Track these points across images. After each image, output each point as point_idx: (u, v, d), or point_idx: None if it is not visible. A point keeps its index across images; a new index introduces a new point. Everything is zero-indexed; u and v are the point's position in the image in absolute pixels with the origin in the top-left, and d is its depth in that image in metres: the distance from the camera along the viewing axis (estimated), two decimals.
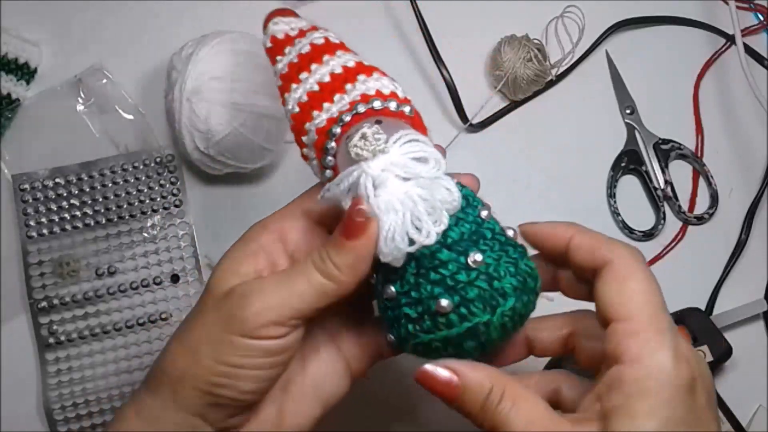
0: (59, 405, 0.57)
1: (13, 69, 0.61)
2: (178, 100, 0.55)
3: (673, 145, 0.64)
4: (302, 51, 0.42)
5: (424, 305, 0.37)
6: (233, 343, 0.37)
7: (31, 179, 0.60)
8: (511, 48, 0.62)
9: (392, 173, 0.37)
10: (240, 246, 0.41)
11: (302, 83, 0.42)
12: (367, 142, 0.37)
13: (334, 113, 0.40)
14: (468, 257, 0.37)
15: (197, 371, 0.38)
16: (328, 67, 0.41)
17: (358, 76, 0.41)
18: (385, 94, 0.40)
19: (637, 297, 0.36)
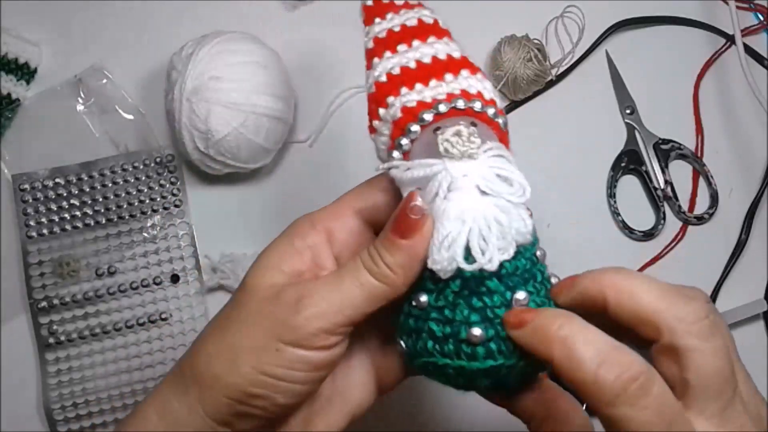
0: (59, 405, 0.57)
1: (13, 69, 0.61)
2: (178, 100, 0.55)
3: (673, 145, 0.64)
4: (407, 23, 0.39)
5: (455, 328, 0.34)
6: (279, 353, 0.35)
7: (31, 179, 0.60)
8: (511, 48, 0.62)
9: (473, 182, 0.34)
10: (285, 241, 0.38)
11: (398, 54, 0.38)
12: (461, 141, 0.34)
13: (427, 98, 0.37)
14: (514, 294, 0.34)
15: (234, 379, 0.35)
16: (432, 49, 0.38)
17: (462, 70, 0.38)
18: (486, 98, 0.37)
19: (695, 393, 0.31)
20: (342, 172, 0.62)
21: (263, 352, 0.35)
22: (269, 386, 0.35)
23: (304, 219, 0.39)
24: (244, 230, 0.61)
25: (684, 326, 0.32)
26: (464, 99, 0.36)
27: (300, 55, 0.63)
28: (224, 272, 0.59)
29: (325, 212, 0.39)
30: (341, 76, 0.63)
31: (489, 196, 0.34)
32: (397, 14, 0.40)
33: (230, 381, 0.35)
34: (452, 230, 0.34)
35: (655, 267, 0.62)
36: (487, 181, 0.34)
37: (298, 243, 0.38)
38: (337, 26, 0.65)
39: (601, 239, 0.63)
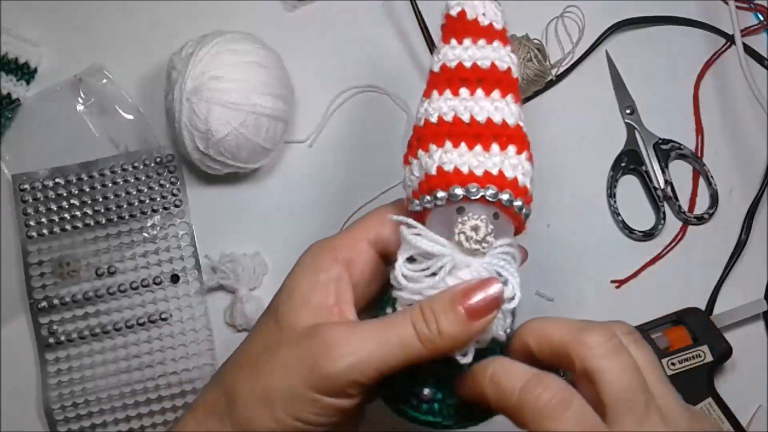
0: (59, 405, 0.57)
1: (13, 69, 0.61)
2: (178, 100, 0.55)
3: (673, 145, 0.64)
4: (480, 63, 0.38)
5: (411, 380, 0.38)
6: (315, 402, 0.35)
7: (31, 179, 0.60)
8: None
9: (471, 275, 0.36)
10: (310, 274, 0.38)
11: (457, 100, 0.38)
12: (476, 237, 0.36)
13: (464, 168, 0.37)
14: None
15: (270, 425, 0.36)
16: (491, 107, 0.38)
17: (509, 145, 0.38)
18: (519, 186, 0.37)
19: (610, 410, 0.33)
20: (342, 172, 0.62)
21: (300, 401, 0.36)
22: (299, 429, 0.36)
23: (323, 248, 0.39)
24: (244, 230, 0.61)
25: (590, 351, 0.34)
26: (496, 188, 0.36)
27: (300, 55, 0.63)
28: (224, 272, 0.59)
29: (343, 241, 0.39)
30: (341, 76, 0.63)
31: None
32: (474, 44, 0.38)
33: (266, 425, 0.36)
34: None
35: (655, 267, 0.62)
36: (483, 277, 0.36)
37: (323, 277, 0.38)
38: (337, 26, 0.65)
39: (601, 239, 0.63)
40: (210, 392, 0.39)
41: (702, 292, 0.62)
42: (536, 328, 0.37)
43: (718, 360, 0.58)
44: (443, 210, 0.37)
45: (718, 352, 0.58)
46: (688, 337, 0.58)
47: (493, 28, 0.39)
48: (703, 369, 0.57)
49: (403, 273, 0.37)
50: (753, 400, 0.60)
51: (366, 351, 0.35)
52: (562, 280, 0.61)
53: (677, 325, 0.59)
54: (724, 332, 0.59)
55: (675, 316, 0.59)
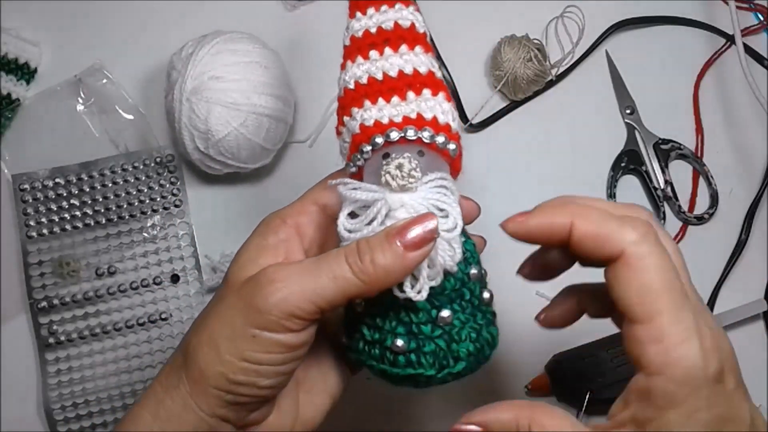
0: (59, 405, 0.57)
1: (13, 69, 0.61)
2: (178, 100, 0.55)
3: (673, 145, 0.64)
4: (383, 25, 0.40)
5: (382, 335, 0.38)
6: (255, 339, 0.36)
7: (31, 179, 0.60)
8: (511, 48, 0.62)
9: (408, 213, 0.37)
10: (258, 238, 0.40)
11: (368, 62, 0.40)
12: (400, 176, 0.37)
13: (384, 119, 0.38)
14: (440, 312, 0.38)
15: (219, 368, 0.36)
16: (400, 61, 0.39)
17: (423, 89, 0.39)
18: (441, 123, 0.39)
19: (654, 293, 0.34)
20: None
21: (241, 340, 0.36)
22: (251, 372, 0.36)
23: (273, 216, 0.41)
24: (244, 230, 0.60)
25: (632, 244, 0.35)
26: (415, 128, 0.38)
27: (300, 55, 0.63)
28: (224, 272, 0.59)
29: (292, 208, 0.41)
30: None
31: None
32: (377, 11, 0.40)
33: (215, 371, 0.37)
34: None
35: None
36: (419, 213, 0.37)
37: (272, 239, 0.40)
38: (337, 26, 0.64)
39: None
40: (173, 355, 0.40)
41: (702, 292, 0.61)
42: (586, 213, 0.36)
43: None
44: (372, 162, 0.39)
45: None
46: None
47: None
48: None
49: (345, 227, 0.38)
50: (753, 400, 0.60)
51: (299, 284, 0.36)
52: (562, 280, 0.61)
53: None
54: None
55: None
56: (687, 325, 0.33)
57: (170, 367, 0.39)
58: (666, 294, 0.34)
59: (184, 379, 0.38)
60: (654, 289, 0.34)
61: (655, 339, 0.33)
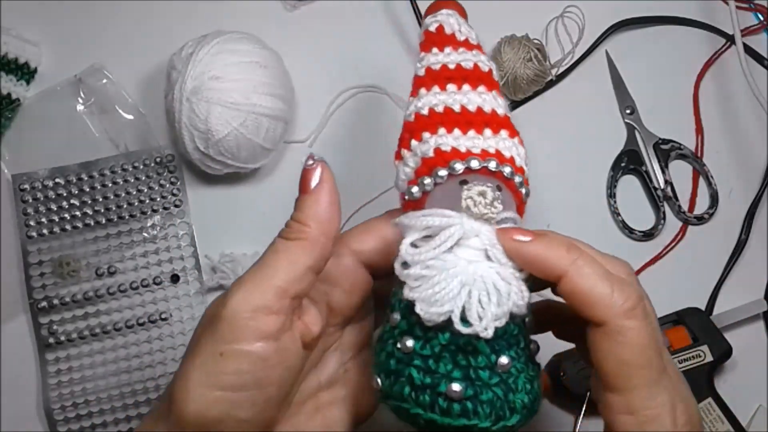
0: (59, 405, 0.57)
1: (13, 69, 0.61)
2: (178, 100, 0.55)
3: (673, 145, 0.64)
4: (463, 64, 0.40)
5: (435, 380, 0.34)
6: (223, 357, 0.33)
7: (31, 179, 0.60)
8: (511, 48, 0.62)
9: (482, 244, 0.35)
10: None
11: (446, 93, 0.39)
12: (483, 202, 0.36)
13: (461, 148, 0.37)
14: (499, 358, 0.35)
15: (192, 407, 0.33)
16: (480, 98, 0.39)
17: (502, 129, 0.38)
18: (516, 165, 0.38)
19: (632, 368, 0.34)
20: (342, 172, 0.62)
21: (209, 365, 0.33)
22: (225, 401, 0.33)
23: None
24: (244, 230, 0.61)
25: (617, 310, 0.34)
26: (497, 161, 0.37)
27: (300, 55, 0.63)
28: (224, 272, 0.59)
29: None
30: (341, 76, 0.63)
31: (493, 263, 0.35)
32: (455, 51, 0.40)
33: (189, 410, 0.33)
34: (449, 288, 0.34)
35: (655, 267, 0.62)
36: (495, 247, 0.35)
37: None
38: (337, 26, 0.65)
39: (601, 239, 0.62)
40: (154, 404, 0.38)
41: (702, 292, 0.62)
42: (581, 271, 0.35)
43: (718, 360, 0.58)
44: (445, 187, 0.37)
45: (718, 352, 0.58)
46: (688, 337, 0.58)
47: (469, 42, 0.41)
48: (703, 369, 0.57)
49: (408, 252, 0.35)
50: (753, 400, 0.60)
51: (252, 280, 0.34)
52: None
53: (677, 325, 0.59)
54: (724, 332, 0.59)
55: (675, 316, 0.59)
56: (662, 401, 0.34)
57: (151, 417, 0.37)
58: (644, 370, 0.34)
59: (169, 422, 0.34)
60: (633, 365, 0.34)
61: (629, 411, 0.34)
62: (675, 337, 0.58)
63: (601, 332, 0.34)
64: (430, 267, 0.35)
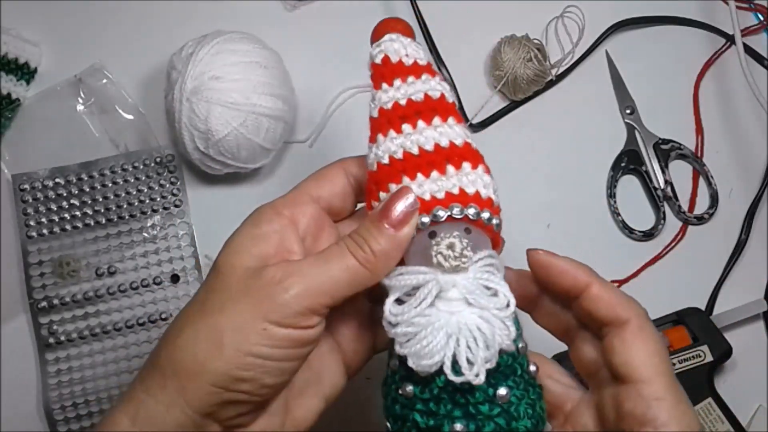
0: (59, 405, 0.57)
1: (13, 69, 0.61)
2: (178, 100, 0.55)
3: (673, 145, 0.64)
4: (413, 97, 0.39)
5: (438, 421, 0.36)
6: (266, 332, 0.35)
7: (31, 179, 0.60)
8: (511, 48, 0.62)
9: (460, 293, 0.36)
10: (251, 227, 0.39)
11: (402, 137, 0.39)
12: (452, 256, 0.36)
13: (426, 195, 0.38)
14: (497, 391, 0.36)
15: (219, 364, 0.35)
16: (435, 134, 0.39)
17: (463, 163, 0.39)
18: (483, 198, 0.38)
19: (656, 360, 0.37)
20: None
21: (249, 332, 0.35)
22: (257, 367, 0.35)
23: (266, 207, 0.40)
24: None
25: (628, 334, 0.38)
26: (460, 205, 0.37)
27: (300, 55, 0.63)
28: None
29: (286, 200, 0.41)
30: (341, 76, 0.63)
31: (475, 308, 0.36)
32: (404, 82, 0.40)
33: (216, 366, 0.35)
34: (437, 341, 0.35)
35: (655, 267, 0.62)
36: (473, 294, 0.36)
37: (265, 228, 0.39)
38: (337, 26, 0.65)
39: (601, 239, 0.63)
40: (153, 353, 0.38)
41: (702, 292, 0.62)
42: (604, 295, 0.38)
43: (718, 360, 0.58)
44: (417, 241, 0.38)
45: (718, 352, 0.58)
46: (688, 337, 0.58)
47: (418, 65, 0.40)
48: (703, 369, 0.57)
49: (392, 312, 0.37)
50: (753, 400, 0.60)
51: (315, 278, 0.36)
52: None
53: (677, 325, 0.59)
54: (724, 332, 0.59)
55: (675, 316, 0.59)
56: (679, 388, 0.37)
57: (152, 366, 0.37)
58: (665, 362, 0.37)
59: (174, 377, 0.35)
60: (657, 356, 0.37)
61: (660, 397, 0.36)
62: (675, 337, 0.58)
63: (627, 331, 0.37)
64: (415, 324, 0.36)
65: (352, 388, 0.44)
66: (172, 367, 0.36)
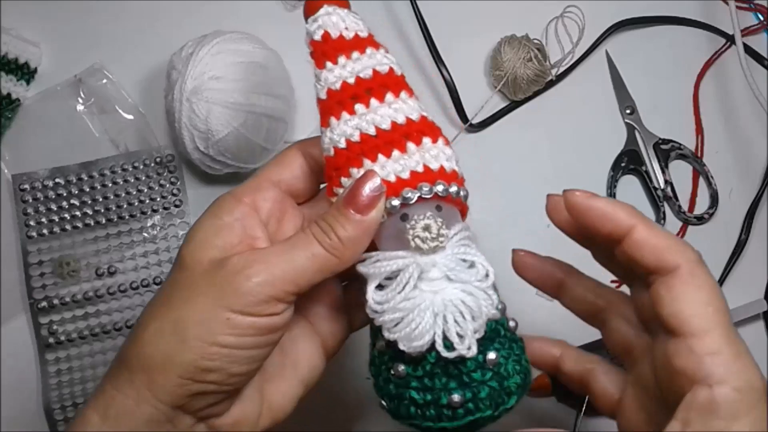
0: (59, 405, 0.57)
1: (13, 69, 0.61)
2: (178, 100, 0.55)
3: (673, 145, 0.64)
4: (362, 74, 0.38)
5: (435, 395, 0.37)
6: (229, 321, 0.35)
7: (31, 179, 0.60)
8: (511, 48, 0.62)
9: (441, 271, 0.36)
10: (213, 218, 0.39)
11: (357, 118, 0.38)
12: (430, 237, 0.36)
13: (391, 177, 0.37)
14: (486, 356, 0.37)
15: (185, 356, 0.35)
16: (390, 111, 0.38)
17: (423, 138, 0.38)
18: (447, 172, 0.38)
19: (710, 310, 0.34)
20: None
21: (213, 323, 0.35)
22: (222, 357, 0.35)
23: (227, 195, 0.40)
24: None
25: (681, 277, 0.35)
26: (429, 184, 0.37)
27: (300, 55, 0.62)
28: None
29: (246, 186, 0.40)
30: None
31: (456, 283, 0.36)
32: (349, 59, 0.38)
33: (182, 358, 0.35)
34: (425, 322, 0.35)
35: None
36: (453, 270, 0.36)
37: (227, 218, 0.39)
38: None
39: None
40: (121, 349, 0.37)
41: None
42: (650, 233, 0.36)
43: None
44: (390, 225, 0.37)
45: None
46: None
47: (359, 38, 0.39)
48: None
49: (375, 300, 0.36)
50: None
51: (279, 266, 0.36)
52: None
53: None
54: None
55: None
56: (739, 341, 0.34)
57: (119, 362, 0.37)
58: (721, 313, 0.34)
59: (141, 371, 0.35)
60: (712, 305, 0.34)
61: (715, 351, 0.33)
62: None
63: (676, 278, 0.35)
64: (401, 309, 0.36)
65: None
66: (138, 362, 0.36)
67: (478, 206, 0.63)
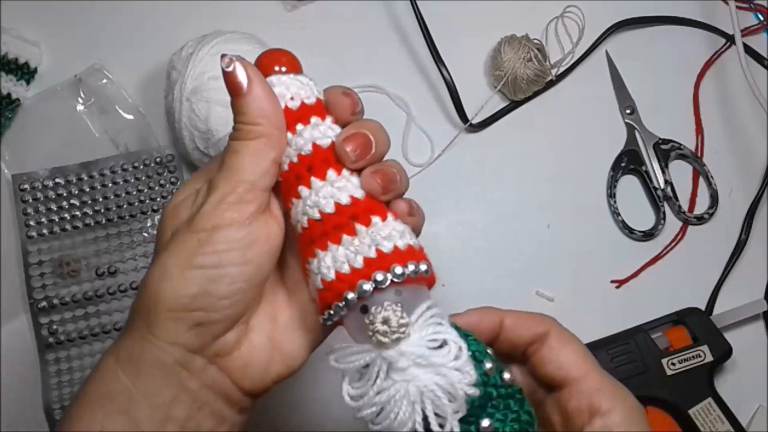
0: (59, 405, 0.57)
1: (13, 69, 0.61)
2: (178, 100, 0.55)
3: (673, 145, 0.64)
4: (303, 151, 0.37)
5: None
6: (199, 242, 0.36)
7: (31, 179, 0.60)
8: (511, 48, 0.62)
9: (410, 360, 0.35)
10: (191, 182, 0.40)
11: (302, 202, 0.37)
12: (390, 330, 0.35)
13: (344, 267, 0.36)
14: (479, 426, 0.36)
15: (169, 287, 0.36)
16: (332, 190, 0.37)
17: (372, 217, 0.36)
18: (402, 250, 0.36)
19: (582, 357, 0.39)
20: None
21: (186, 250, 0.36)
22: (202, 278, 0.36)
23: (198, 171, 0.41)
24: None
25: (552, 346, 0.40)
26: (383, 272, 0.35)
27: (300, 55, 0.62)
28: None
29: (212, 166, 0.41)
30: (341, 75, 0.63)
31: (428, 368, 0.35)
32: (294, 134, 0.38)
33: (165, 291, 0.36)
34: (402, 412, 0.35)
35: (655, 267, 0.62)
36: (422, 357, 0.35)
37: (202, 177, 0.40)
38: (337, 26, 0.65)
39: (601, 239, 0.63)
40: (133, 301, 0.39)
41: (702, 292, 0.62)
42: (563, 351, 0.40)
43: (718, 360, 0.58)
44: (353, 318, 0.36)
45: (718, 352, 0.57)
46: (688, 337, 0.58)
47: (305, 106, 0.38)
48: (703, 369, 0.57)
49: (351, 395, 0.36)
50: (753, 400, 0.60)
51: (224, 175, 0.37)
52: (562, 280, 0.61)
53: (677, 325, 0.59)
54: (724, 332, 0.59)
55: (675, 316, 0.59)
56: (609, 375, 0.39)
57: (130, 312, 0.39)
58: (590, 356, 0.40)
59: (140, 318, 0.37)
60: (582, 352, 0.39)
61: (599, 387, 0.38)
62: (675, 337, 0.58)
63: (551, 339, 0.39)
64: (377, 402, 0.35)
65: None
66: (137, 308, 0.38)
67: (478, 206, 0.63)
